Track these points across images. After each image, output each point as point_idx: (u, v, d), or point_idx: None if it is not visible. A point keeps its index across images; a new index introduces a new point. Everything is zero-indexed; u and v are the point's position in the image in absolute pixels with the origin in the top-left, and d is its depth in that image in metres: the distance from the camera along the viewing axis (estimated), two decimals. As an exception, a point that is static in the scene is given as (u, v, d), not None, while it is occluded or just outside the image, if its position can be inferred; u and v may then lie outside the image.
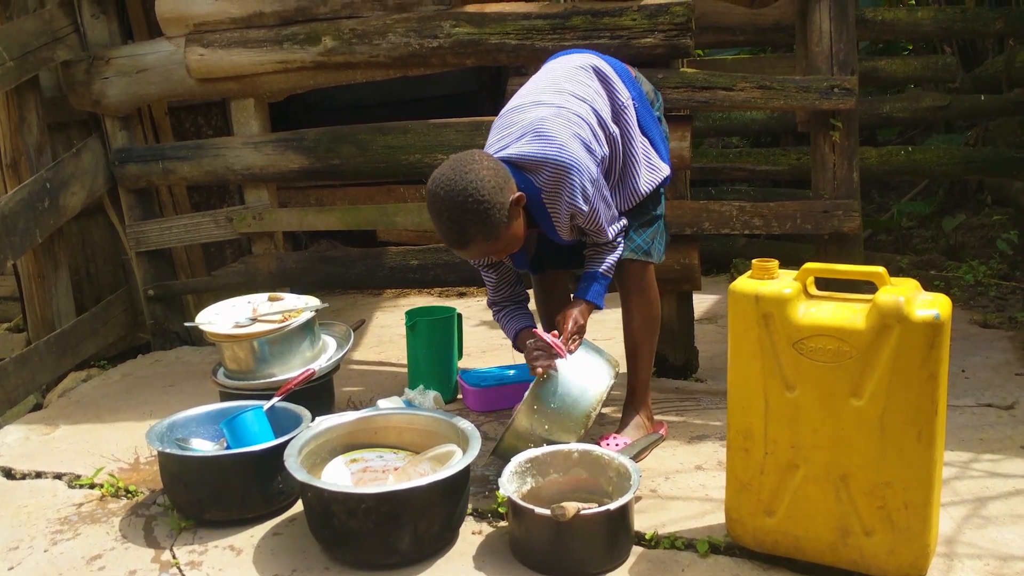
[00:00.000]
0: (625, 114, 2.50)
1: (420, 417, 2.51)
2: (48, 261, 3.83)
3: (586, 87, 2.44)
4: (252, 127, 3.73)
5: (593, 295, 2.51)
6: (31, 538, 2.36)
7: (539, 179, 2.32)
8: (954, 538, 2.08)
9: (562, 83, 2.44)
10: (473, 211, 2.17)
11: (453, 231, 2.22)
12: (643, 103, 2.58)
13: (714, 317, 4.18)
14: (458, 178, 2.18)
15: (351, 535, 2.08)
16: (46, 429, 3.13)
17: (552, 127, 2.32)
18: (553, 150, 2.29)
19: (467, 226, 2.20)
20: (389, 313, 4.59)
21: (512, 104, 2.49)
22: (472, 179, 2.18)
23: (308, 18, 3.49)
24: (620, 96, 2.50)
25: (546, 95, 2.42)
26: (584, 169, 2.31)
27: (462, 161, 2.23)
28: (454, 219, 2.19)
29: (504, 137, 2.39)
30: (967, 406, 2.88)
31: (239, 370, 2.86)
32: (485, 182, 2.18)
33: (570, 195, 2.31)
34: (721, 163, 4.86)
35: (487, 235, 2.22)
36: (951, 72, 5.14)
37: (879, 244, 5.48)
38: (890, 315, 1.80)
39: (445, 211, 2.20)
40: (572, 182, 2.29)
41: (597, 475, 2.26)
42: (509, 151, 2.34)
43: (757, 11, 3.45)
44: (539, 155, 2.30)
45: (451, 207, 2.18)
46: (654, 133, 2.59)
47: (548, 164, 2.29)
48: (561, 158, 2.28)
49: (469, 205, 2.17)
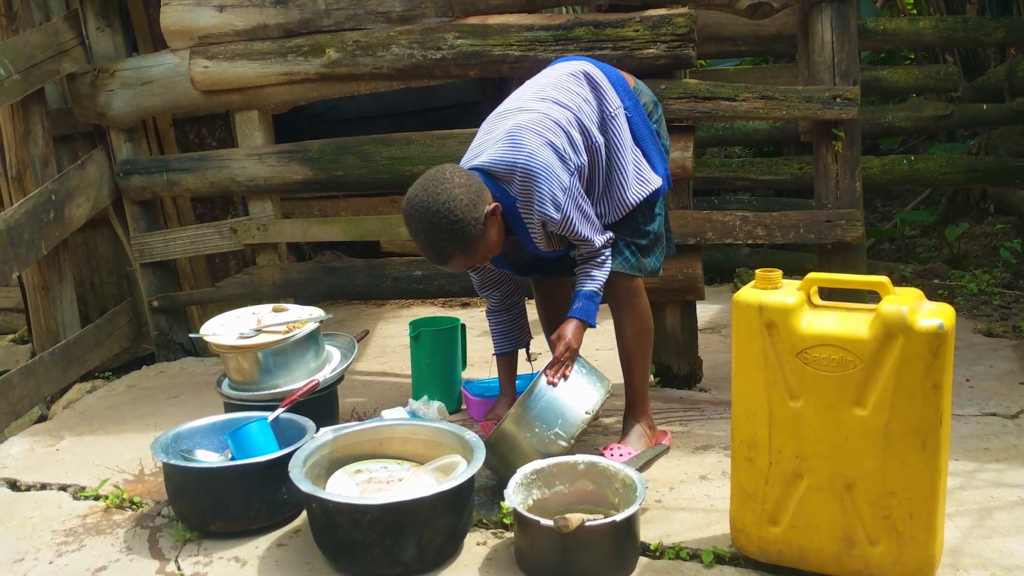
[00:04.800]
0: (614, 123, 2.49)
1: (424, 428, 2.51)
2: (53, 273, 3.85)
3: (573, 94, 2.46)
4: (256, 139, 3.75)
5: (585, 314, 2.50)
6: (36, 550, 2.36)
7: (512, 188, 2.36)
8: (959, 548, 2.08)
9: (549, 90, 2.46)
10: (448, 231, 2.22)
11: (431, 249, 2.28)
12: (638, 113, 2.57)
13: (718, 327, 4.18)
14: (430, 200, 2.22)
15: (355, 546, 2.08)
16: (51, 441, 3.14)
17: (524, 135, 2.34)
18: (523, 157, 2.31)
19: (444, 245, 2.25)
20: (393, 324, 4.60)
21: (499, 108, 2.53)
22: (444, 200, 2.21)
23: (312, 30, 3.51)
24: (609, 104, 2.50)
25: (530, 102, 2.44)
26: (554, 176, 2.32)
27: (433, 181, 2.26)
28: (430, 239, 2.25)
29: (482, 143, 2.44)
30: (971, 415, 2.87)
31: (243, 381, 2.86)
32: (457, 201, 2.22)
33: (540, 202, 2.33)
34: (724, 173, 4.86)
35: (464, 251, 2.28)
36: (953, 81, 5.15)
37: (882, 253, 5.48)
38: (894, 325, 1.80)
39: (421, 232, 2.25)
40: (540, 189, 2.31)
41: (603, 486, 2.26)
42: (482, 159, 2.37)
43: (759, 21, 3.46)
44: (508, 162, 2.33)
45: (426, 228, 2.23)
46: (648, 144, 2.57)
47: (517, 171, 2.32)
48: (530, 165, 2.31)
49: (444, 226, 2.21)
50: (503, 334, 2.77)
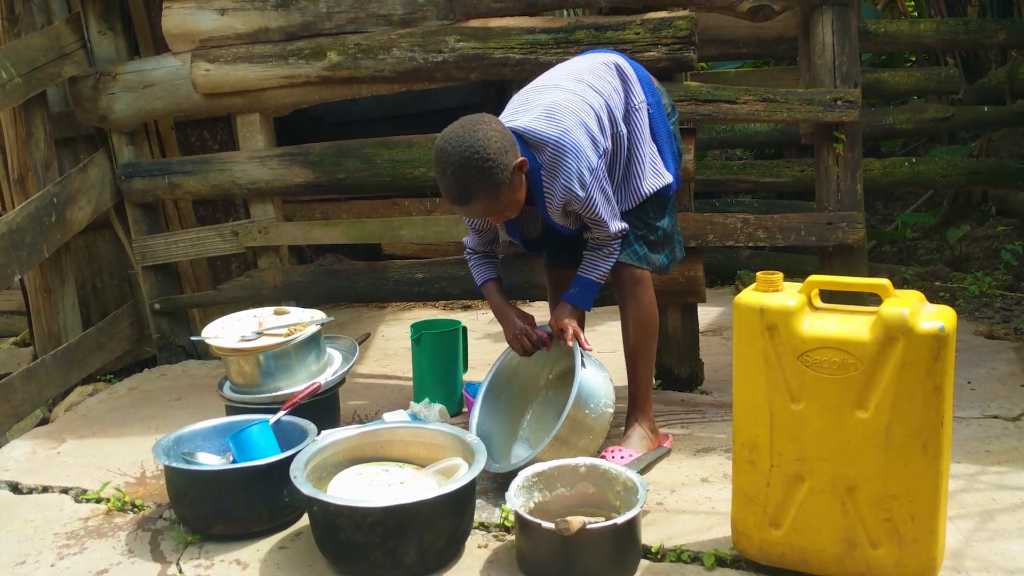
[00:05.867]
0: (637, 115, 2.57)
1: (426, 430, 2.51)
2: (55, 275, 3.85)
3: (605, 82, 2.54)
4: (258, 141, 3.75)
5: (579, 300, 2.59)
6: (38, 553, 2.37)
7: (540, 157, 2.41)
8: (961, 551, 2.08)
9: (584, 74, 2.54)
10: (478, 168, 2.25)
11: (457, 186, 2.29)
12: (660, 111, 2.64)
13: (719, 329, 4.18)
14: (466, 135, 2.27)
15: (357, 549, 2.08)
16: (52, 443, 3.14)
17: (561, 112, 2.41)
18: (557, 132, 2.38)
19: (471, 182, 2.27)
20: (394, 326, 4.60)
21: (534, 84, 2.60)
22: (480, 137, 2.26)
23: (313, 33, 3.51)
24: (635, 97, 2.58)
25: (566, 81, 2.52)
26: (584, 156, 2.39)
27: (472, 120, 2.32)
28: (459, 174, 2.26)
29: (517, 111, 2.50)
30: (973, 418, 2.87)
31: (245, 384, 2.86)
32: (492, 141, 2.27)
33: (567, 178, 2.38)
34: (725, 175, 4.87)
35: (488, 193, 2.29)
36: (954, 84, 5.15)
37: (883, 255, 5.48)
38: (895, 327, 1.80)
39: (451, 166, 2.27)
40: (569, 166, 2.38)
41: (604, 489, 2.26)
42: (517, 123, 2.44)
43: (760, 24, 3.46)
44: (542, 133, 2.39)
45: (457, 162, 2.26)
46: (664, 143, 2.64)
47: (549, 144, 2.38)
48: (563, 141, 2.37)
49: (475, 161, 2.24)
50: (487, 268, 2.74)
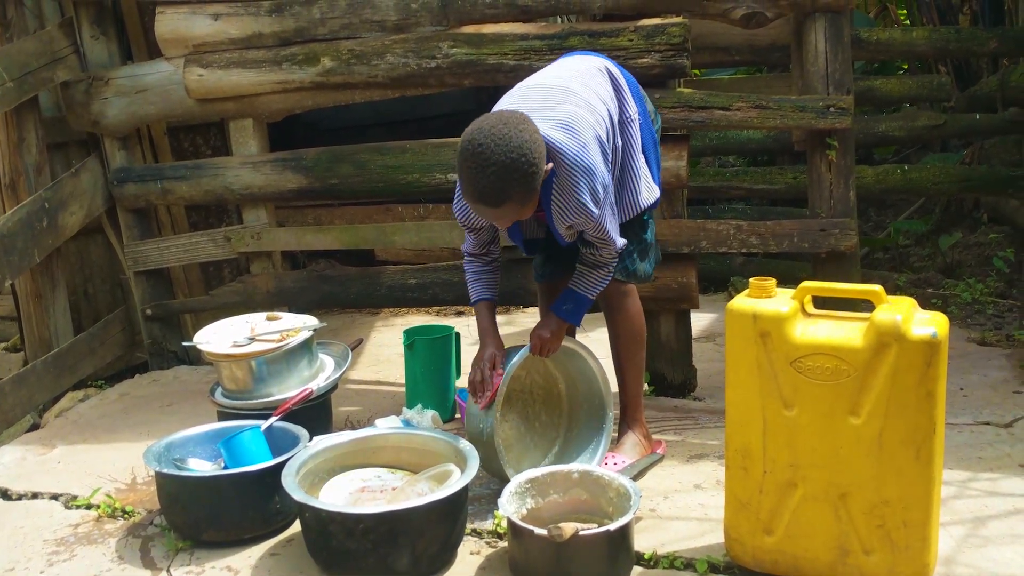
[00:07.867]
0: (630, 128, 2.50)
1: (418, 437, 2.51)
2: (46, 281, 3.83)
3: (604, 90, 2.44)
4: (251, 147, 3.74)
5: (570, 316, 2.48)
6: (27, 559, 2.35)
7: (555, 167, 2.26)
8: (953, 558, 2.08)
9: (586, 79, 2.42)
10: (523, 172, 2.09)
11: (494, 187, 2.10)
12: (647, 120, 2.58)
13: (712, 335, 4.18)
14: (513, 134, 2.09)
15: (349, 555, 2.08)
16: (43, 449, 3.12)
17: (580, 125, 2.27)
18: (576, 147, 2.24)
19: (510, 185, 2.09)
20: (387, 332, 4.59)
21: (537, 80, 2.44)
22: (527, 139, 2.10)
23: (307, 39, 3.51)
24: (628, 108, 2.49)
25: (575, 84, 2.38)
26: (598, 172, 2.27)
27: (515, 118, 2.14)
28: (501, 175, 2.08)
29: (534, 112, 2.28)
30: (965, 424, 2.88)
31: (237, 390, 2.85)
32: (537, 145, 2.12)
33: (579, 193, 2.25)
34: (718, 182, 4.87)
35: (523, 198, 2.14)
36: (946, 91, 5.17)
37: (876, 262, 5.49)
38: (888, 334, 1.80)
39: (491, 165, 2.08)
40: (580, 182, 2.25)
41: (597, 496, 2.25)
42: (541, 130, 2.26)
43: (753, 31, 3.47)
44: (562, 147, 2.24)
45: (501, 163, 2.07)
46: (650, 152, 2.59)
47: (567, 158, 2.24)
48: (579, 157, 2.24)
49: (520, 165, 2.08)
50: (483, 283, 2.59)
